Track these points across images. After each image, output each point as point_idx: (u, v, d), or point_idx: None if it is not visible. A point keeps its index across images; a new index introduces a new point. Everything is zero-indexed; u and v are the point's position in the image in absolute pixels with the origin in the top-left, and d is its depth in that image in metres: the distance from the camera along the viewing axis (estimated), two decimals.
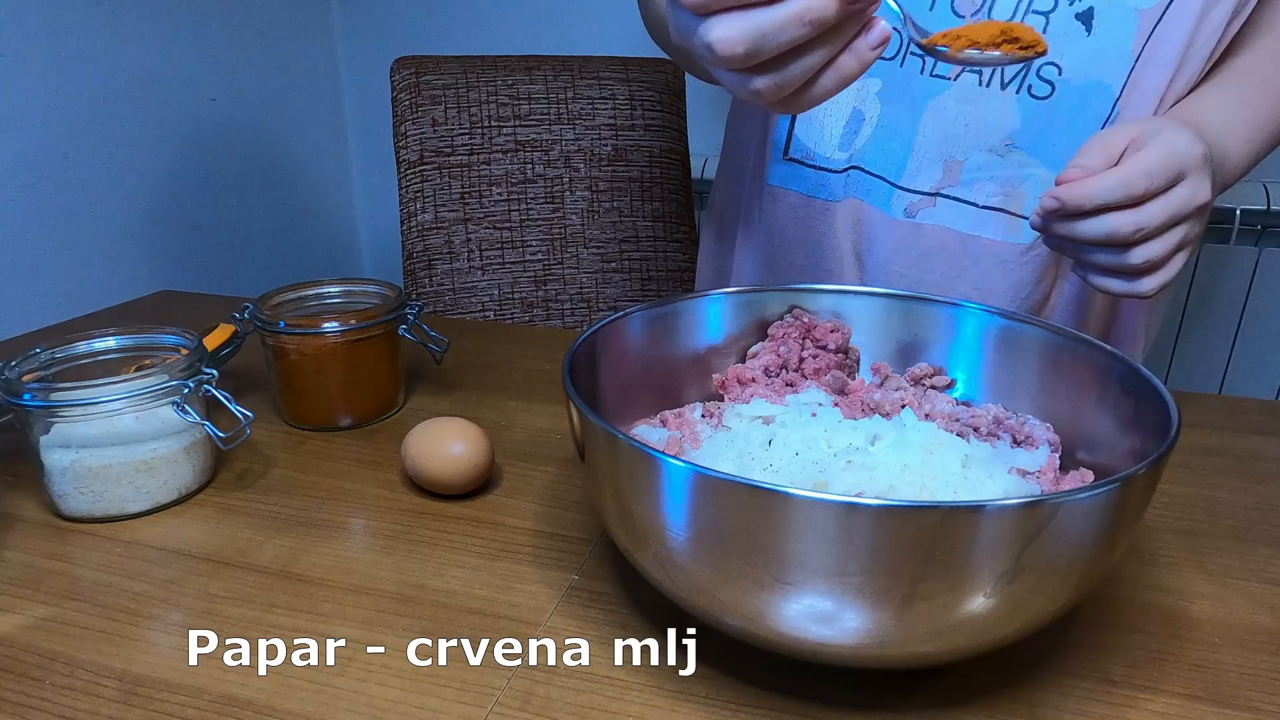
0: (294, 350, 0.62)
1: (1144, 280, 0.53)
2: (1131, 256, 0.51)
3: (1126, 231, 0.50)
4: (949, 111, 0.65)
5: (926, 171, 0.67)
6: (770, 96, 0.41)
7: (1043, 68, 0.62)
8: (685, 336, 0.54)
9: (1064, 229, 0.52)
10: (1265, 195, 1.27)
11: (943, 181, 0.67)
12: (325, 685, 0.40)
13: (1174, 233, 0.52)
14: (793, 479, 0.42)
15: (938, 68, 0.65)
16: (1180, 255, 0.53)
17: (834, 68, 0.40)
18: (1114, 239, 0.51)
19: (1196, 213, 0.52)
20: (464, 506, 0.54)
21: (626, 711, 0.38)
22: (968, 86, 0.65)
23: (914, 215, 0.69)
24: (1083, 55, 0.61)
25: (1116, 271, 0.53)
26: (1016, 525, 0.32)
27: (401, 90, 1.13)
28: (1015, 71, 0.63)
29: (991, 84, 0.64)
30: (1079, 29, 0.61)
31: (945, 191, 0.67)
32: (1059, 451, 0.47)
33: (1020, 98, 0.63)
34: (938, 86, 0.65)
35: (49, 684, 0.40)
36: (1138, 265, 0.52)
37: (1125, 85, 0.61)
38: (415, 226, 1.14)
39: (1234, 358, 1.37)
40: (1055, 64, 0.62)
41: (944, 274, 0.69)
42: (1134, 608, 0.45)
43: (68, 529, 0.52)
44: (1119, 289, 0.54)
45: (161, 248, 1.32)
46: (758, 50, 0.39)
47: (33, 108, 1.10)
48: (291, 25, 1.55)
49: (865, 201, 0.71)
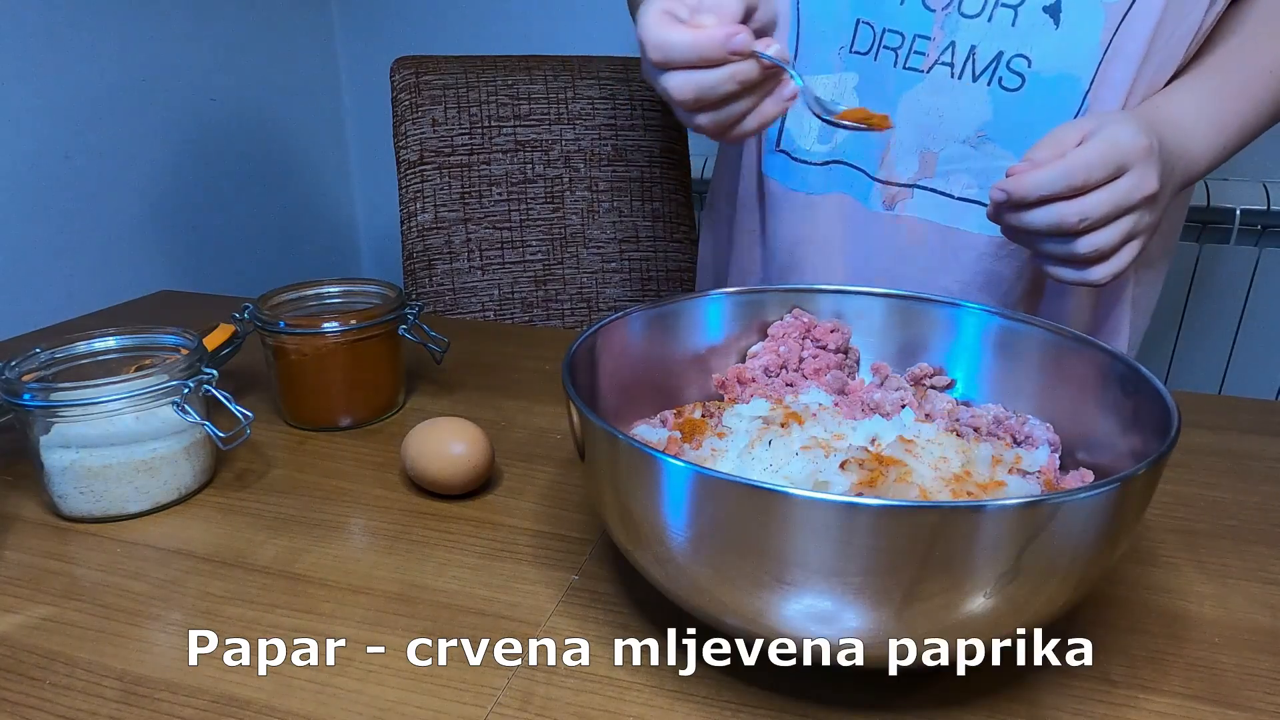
0: (294, 350, 0.62)
1: (1094, 269, 0.55)
2: (1079, 246, 0.54)
3: (1071, 221, 0.53)
4: (923, 103, 0.66)
5: (903, 163, 0.68)
6: (710, 130, 0.54)
7: (1012, 60, 0.63)
8: (685, 336, 0.54)
9: (1014, 219, 0.55)
10: (1265, 195, 1.27)
11: (920, 173, 0.68)
12: (325, 685, 0.40)
13: (1121, 223, 0.54)
14: (793, 479, 0.42)
15: (910, 60, 0.66)
16: (1132, 245, 0.55)
17: (757, 111, 0.53)
18: (1060, 228, 0.53)
19: (1144, 203, 0.54)
20: (464, 506, 0.54)
21: (626, 711, 0.38)
22: (940, 79, 0.65)
23: (893, 207, 0.70)
24: (1051, 48, 0.62)
25: (1067, 260, 0.56)
26: (1016, 525, 0.32)
27: (401, 90, 1.13)
28: (986, 63, 0.64)
29: (963, 76, 0.65)
30: (1047, 22, 0.62)
31: (922, 183, 0.68)
32: (1059, 451, 0.47)
33: (992, 90, 0.64)
34: (911, 79, 0.66)
35: (49, 684, 0.40)
36: (1086, 254, 0.54)
37: (1094, 78, 0.62)
38: (415, 226, 1.14)
39: (1234, 358, 1.37)
40: (1024, 56, 0.63)
41: (925, 267, 0.70)
42: (1134, 608, 0.45)
43: (68, 529, 0.52)
44: (1071, 277, 0.56)
45: (161, 248, 1.32)
46: (701, 99, 0.51)
47: (33, 108, 1.10)
48: (291, 25, 1.55)
49: (848, 195, 0.72)
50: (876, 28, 0.66)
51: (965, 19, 0.63)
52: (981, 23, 0.63)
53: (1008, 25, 0.62)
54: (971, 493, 0.41)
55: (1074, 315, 0.72)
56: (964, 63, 0.64)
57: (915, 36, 0.65)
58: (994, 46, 0.63)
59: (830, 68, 0.70)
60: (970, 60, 0.64)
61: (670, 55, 0.50)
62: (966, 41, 0.64)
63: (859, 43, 0.68)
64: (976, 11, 0.63)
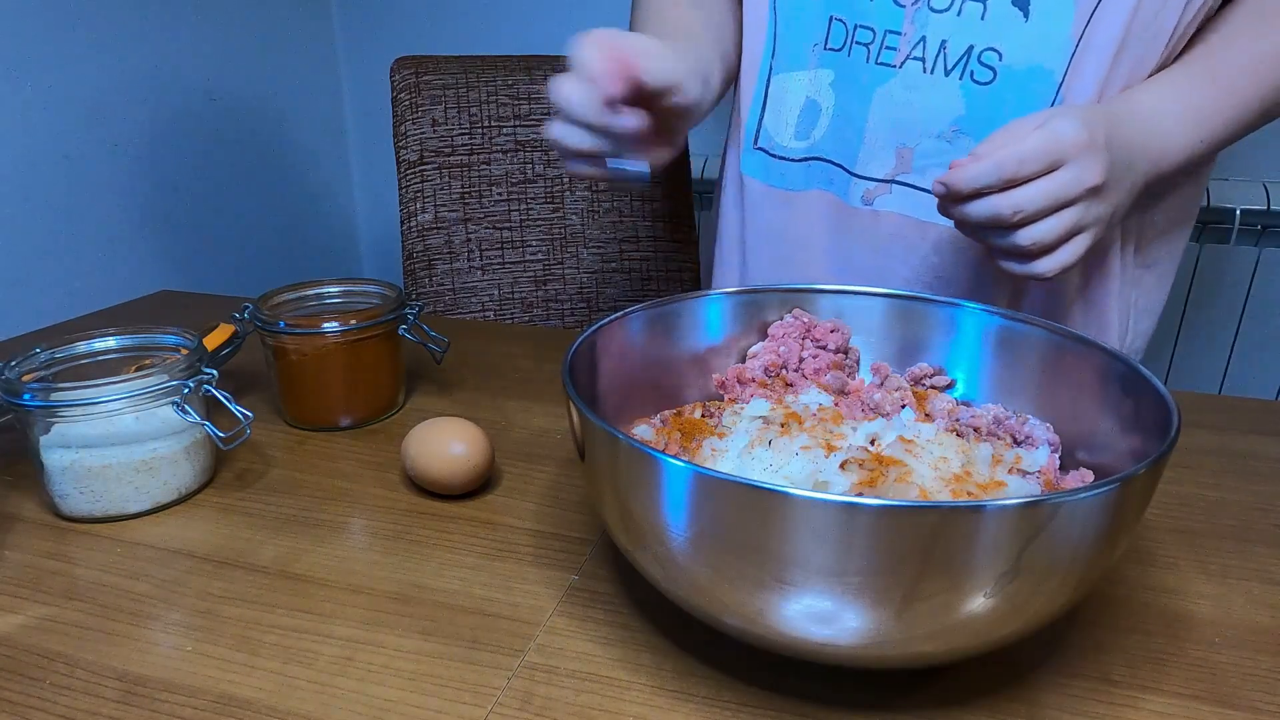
0: (294, 350, 0.62)
1: (1040, 262, 0.56)
2: (1019, 238, 0.54)
3: (1006, 213, 0.53)
4: (896, 98, 0.66)
5: (880, 159, 0.68)
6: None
7: (983, 53, 0.63)
8: (685, 336, 0.54)
9: (955, 212, 0.55)
10: (1265, 195, 1.27)
11: (896, 169, 0.68)
12: (325, 685, 0.40)
13: (1063, 215, 0.54)
14: (793, 479, 0.42)
15: (882, 55, 0.66)
16: (1081, 238, 0.55)
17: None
18: (997, 221, 0.53)
19: (1087, 195, 0.54)
20: (464, 506, 0.54)
21: (626, 711, 0.38)
22: (913, 74, 0.65)
23: (871, 202, 0.70)
24: (1021, 41, 0.62)
25: (1012, 253, 0.56)
26: (1016, 525, 0.32)
27: (401, 90, 1.13)
28: (957, 57, 0.64)
29: (935, 71, 0.65)
30: (1016, 14, 0.62)
31: (899, 179, 0.68)
32: (1059, 451, 0.47)
33: (964, 84, 0.64)
34: (884, 74, 0.66)
35: (49, 684, 0.40)
36: (1027, 247, 0.54)
37: (1067, 70, 0.62)
38: (415, 226, 1.14)
39: (1234, 358, 1.37)
40: (995, 49, 0.62)
41: (905, 261, 0.70)
42: (1134, 608, 0.45)
43: (68, 529, 0.52)
44: (1018, 270, 0.57)
45: (161, 248, 1.32)
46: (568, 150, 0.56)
47: (33, 108, 1.10)
48: (291, 25, 1.55)
49: (828, 191, 0.72)
50: (849, 24, 0.67)
51: (935, 13, 0.63)
52: (951, 17, 0.63)
53: (977, 19, 0.62)
54: (971, 493, 0.41)
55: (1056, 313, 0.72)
56: (935, 57, 0.64)
57: (886, 32, 0.65)
58: (964, 40, 0.63)
59: (806, 64, 0.70)
60: (941, 54, 0.64)
61: (557, 106, 0.56)
62: (937, 36, 0.64)
63: (832, 39, 0.68)
64: (945, 6, 0.63)
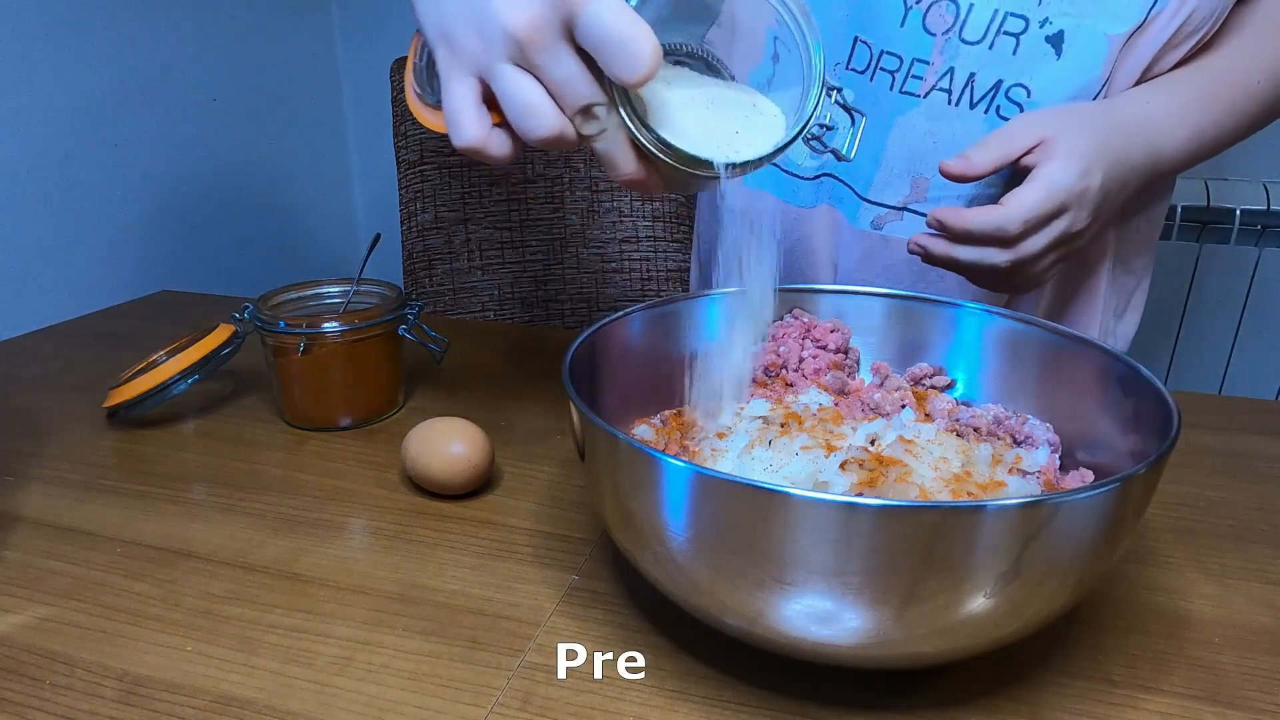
0: (294, 350, 0.62)
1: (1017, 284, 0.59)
2: (1006, 276, 0.57)
3: (1001, 263, 0.56)
4: (918, 128, 0.65)
5: (894, 186, 0.68)
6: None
7: (1011, 89, 0.62)
8: (685, 336, 0.54)
9: (945, 250, 0.57)
10: (1265, 195, 1.27)
11: (910, 197, 0.68)
12: (325, 685, 0.40)
13: (1050, 255, 0.57)
14: (793, 479, 0.42)
15: (907, 84, 0.65)
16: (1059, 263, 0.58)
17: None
18: (989, 269, 0.56)
19: (1075, 238, 0.57)
20: (464, 506, 0.54)
21: (626, 712, 0.38)
22: (937, 105, 0.64)
23: (881, 228, 0.69)
24: (1052, 78, 0.61)
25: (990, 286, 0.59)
26: (1016, 525, 0.32)
27: (401, 90, 1.13)
28: (985, 91, 0.63)
29: (960, 103, 0.64)
30: (1049, 52, 0.61)
31: (912, 206, 0.68)
32: (1059, 451, 0.47)
33: (989, 118, 0.63)
34: (907, 103, 0.65)
35: (49, 684, 0.40)
36: (1013, 283, 0.58)
37: None
38: (415, 226, 1.14)
39: (1234, 358, 1.37)
40: (1024, 86, 0.62)
41: (910, 287, 0.69)
42: (1134, 608, 0.45)
43: (68, 529, 0.52)
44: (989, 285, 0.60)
45: (162, 248, 1.32)
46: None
47: (33, 108, 1.10)
48: (291, 25, 1.55)
49: (836, 209, 0.72)
50: (874, 48, 0.65)
51: (966, 45, 0.62)
52: (982, 50, 0.62)
53: (1009, 54, 0.61)
54: (971, 493, 0.41)
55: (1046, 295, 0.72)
56: (962, 90, 0.63)
57: (914, 61, 0.64)
58: (994, 75, 0.62)
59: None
60: (969, 88, 0.63)
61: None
62: (965, 68, 0.63)
63: (855, 61, 0.67)
64: (978, 38, 0.62)
